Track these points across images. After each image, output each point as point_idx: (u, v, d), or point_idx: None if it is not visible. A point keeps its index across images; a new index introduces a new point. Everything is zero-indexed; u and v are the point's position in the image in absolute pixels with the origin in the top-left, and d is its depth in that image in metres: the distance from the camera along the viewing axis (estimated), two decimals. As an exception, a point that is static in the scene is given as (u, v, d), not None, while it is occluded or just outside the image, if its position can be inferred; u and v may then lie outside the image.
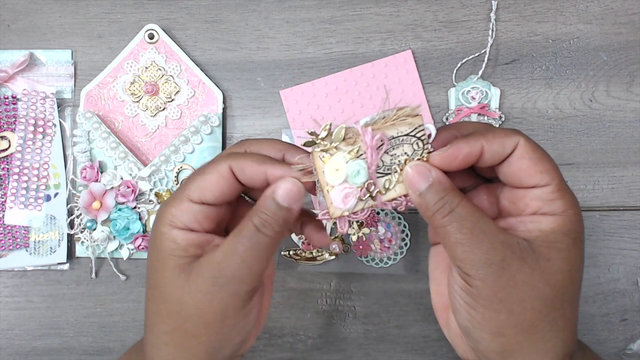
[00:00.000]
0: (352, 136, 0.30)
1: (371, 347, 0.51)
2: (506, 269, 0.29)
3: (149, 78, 0.52)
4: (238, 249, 0.30)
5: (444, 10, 0.53)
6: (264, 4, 0.53)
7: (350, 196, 0.30)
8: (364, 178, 0.30)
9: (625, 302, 0.51)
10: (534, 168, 0.30)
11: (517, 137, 0.30)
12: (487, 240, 0.29)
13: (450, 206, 0.29)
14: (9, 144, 0.51)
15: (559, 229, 0.30)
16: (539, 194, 0.30)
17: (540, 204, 0.30)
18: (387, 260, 0.51)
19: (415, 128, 0.30)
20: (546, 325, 0.30)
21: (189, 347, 0.31)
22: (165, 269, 0.31)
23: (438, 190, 0.29)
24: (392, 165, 0.30)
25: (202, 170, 0.32)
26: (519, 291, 0.29)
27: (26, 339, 0.52)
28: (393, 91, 0.52)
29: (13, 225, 0.51)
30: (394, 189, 0.31)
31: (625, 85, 0.52)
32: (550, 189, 0.30)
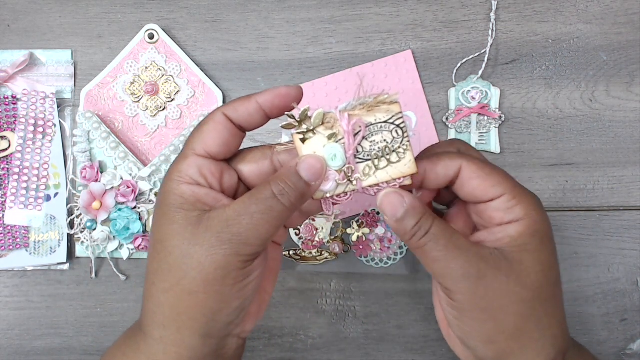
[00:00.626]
0: (331, 121, 0.30)
1: (371, 347, 0.51)
2: (482, 279, 0.30)
3: (149, 78, 0.52)
4: (250, 209, 0.30)
5: (444, 10, 0.53)
6: (264, 4, 0.53)
7: (329, 179, 0.31)
8: (340, 162, 0.31)
9: (625, 302, 0.51)
10: (484, 184, 0.32)
11: (459, 160, 0.32)
12: (462, 255, 0.31)
13: (425, 228, 0.31)
14: (9, 144, 0.51)
15: (525, 232, 0.31)
16: (498, 206, 0.32)
17: (502, 214, 0.32)
18: (387, 260, 0.51)
19: (393, 115, 0.31)
20: (532, 326, 0.32)
21: (185, 308, 0.30)
22: (172, 222, 0.30)
23: (413, 215, 0.31)
24: (372, 152, 0.31)
25: (199, 125, 0.32)
26: (499, 298, 0.31)
27: (26, 339, 0.52)
28: (393, 91, 0.52)
29: (13, 225, 0.51)
30: (375, 175, 0.31)
31: (625, 85, 0.52)
32: (505, 198, 0.32)
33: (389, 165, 0.31)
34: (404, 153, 0.31)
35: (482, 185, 0.32)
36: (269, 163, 0.33)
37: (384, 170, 0.31)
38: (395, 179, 0.31)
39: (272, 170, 0.33)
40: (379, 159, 0.31)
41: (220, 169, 0.32)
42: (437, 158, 0.32)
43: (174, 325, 0.31)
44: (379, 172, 0.31)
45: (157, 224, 0.32)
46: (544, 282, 0.32)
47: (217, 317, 0.31)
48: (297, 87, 0.32)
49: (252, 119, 0.32)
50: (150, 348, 0.32)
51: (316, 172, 0.31)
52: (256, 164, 0.33)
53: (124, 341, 0.35)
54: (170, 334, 0.31)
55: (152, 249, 0.32)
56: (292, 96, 0.32)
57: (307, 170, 0.30)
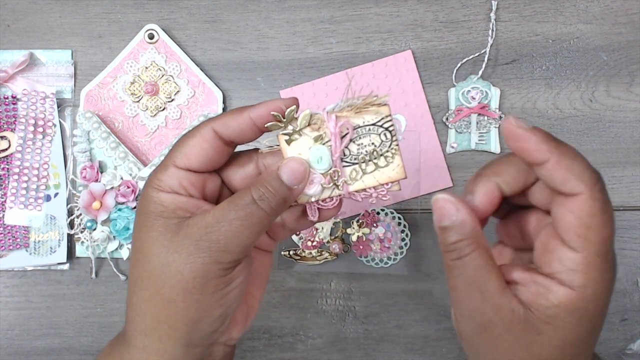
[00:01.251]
0: (317, 122, 0.30)
1: (371, 347, 0.51)
2: (489, 331, 0.28)
3: (149, 78, 0.52)
4: (229, 216, 0.29)
5: (444, 10, 0.53)
6: (264, 4, 0.53)
7: (314, 182, 0.30)
8: (326, 165, 0.30)
9: (625, 302, 0.51)
10: (576, 229, 0.27)
11: (585, 190, 0.27)
12: (479, 300, 0.28)
13: (460, 253, 0.28)
14: (9, 144, 0.51)
15: (566, 305, 0.27)
16: (564, 256, 0.27)
17: (561, 268, 0.27)
18: (387, 260, 0.51)
19: (382, 118, 0.30)
20: None
21: (165, 317, 0.30)
22: (151, 230, 0.30)
23: (457, 233, 0.28)
24: (360, 155, 0.30)
25: (186, 136, 0.31)
26: (497, 352, 0.29)
27: (26, 339, 0.52)
28: (393, 91, 0.52)
29: (13, 225, 0.51)
30: (361, 180, 0.30)
31: (625, 85, 0.52)
32: (578, 257, 0.27)
33: (377, 169, 0.30)
34: (392, 157, 0.30)
35: (572, 227, 0.27)
36: (254, 166, 0.32)
37: (371, 175, 0.30)
38: (383, 184, 0.30)
39: (257, 173, 0.32)
40: (366, 162, 0.30)
41: (202, 179, 0.31)
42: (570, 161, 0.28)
43: (155, 334, 0.30)
44: (366, 177, 0.30)
45: (136, 232, 0.31)
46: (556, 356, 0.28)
47: (198, 326, 0.30)
48: (293, 99, 0.30)
49: (243, 135, 0.31)
50: (133, 357, 0.31)
51: (299, 175, 0.30)
52: (241, 168, 0.32)
53: (109, 351, 0.34)
54: (152, 343, 0.31)
55: (133, 257, 0.31)
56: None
57: (289, 173, 0.29)
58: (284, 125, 0.30)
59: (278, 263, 0.51)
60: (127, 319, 0.32)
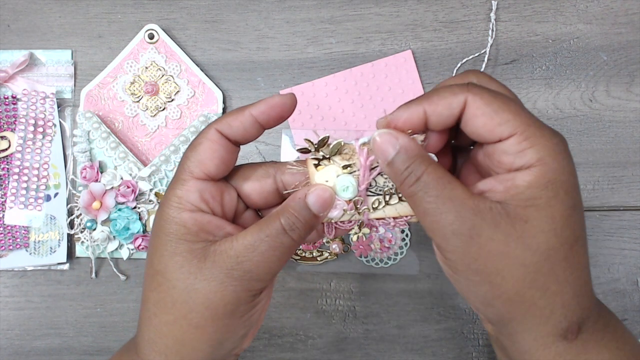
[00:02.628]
0: (349, 152, 0.30)
1: (371, 347, 0.51)
2: (475, 238, 0.27)
3: (149, 78, 0.52)
4: (261, 247, 0.29)
5: (444, 10, 0.53)
6: (264, 4, 0.53)
7: (337, 207, 0.30)
8: (351, 194, 0.30)
9: (625, 302, 0.51)
10: (491, 122, 0.27)
11: (464, 93, 0.28)
12: (454, 208, 0.27)
13: (416, 174, 0.28)
14: (9, 144, 0.51)
15: (535, 182, 0.27)
16: (507, 148, 0.27)
17: (512, 159, 0.27)
18: (387, 260, 0.51)
19: None
20: (536, 293, 0.28)
21: (190, 340, 0.30)
22: (175, 254, 0.29)
23: (405, 158, 0.28)
24: (385, 188, 0.31)
25: (193, 145, 0.31)
26: (494, 261, 0.27)
27: (26, 339, 0.52)
28: (393, 91, 0.52)
29: (13, 225, 0.51)
30: (382, 210, 0.31)
31: (625, 85, 0.52)
32: (515, 139, 0.27)
33: (399, 202, 0.31)
34: None
35: (489, 124, 0.27)
36: (271, 182, 0.32)
37: (392, 207, 0.31)
38: (403, 217, 0.31)
39: (275, 189, 0.32)
40: (390, 195, 0.31)
41: (221, 190, 0.31)
42: (437, 94, 0.28)
43: (176, 355, 0.31)
44: (387, 207, 0.31)
45: (156, 254, 0.30)
46: (554, 243, 0.27)
47: (223, 346, 0.31)
48: (291, 95, 0.31)
49: (247, 133, 0.31)
50: None
51: (326, 203, 0.30)
52: (258, 182, 0.32)
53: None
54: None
55: (152, 279, 0.31)
56: (287, 105, 0.30)
57: (317, 202, 0.30)
58: (315, 150, 0.30)
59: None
60: (142, 338, 0.32)
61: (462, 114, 0.28)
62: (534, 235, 0.27)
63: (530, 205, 0.27)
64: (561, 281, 0.28)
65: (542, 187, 0.27)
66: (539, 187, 0.27)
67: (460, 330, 0.51)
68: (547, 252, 0.27)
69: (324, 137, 0.30)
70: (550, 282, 0.28)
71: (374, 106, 0.52)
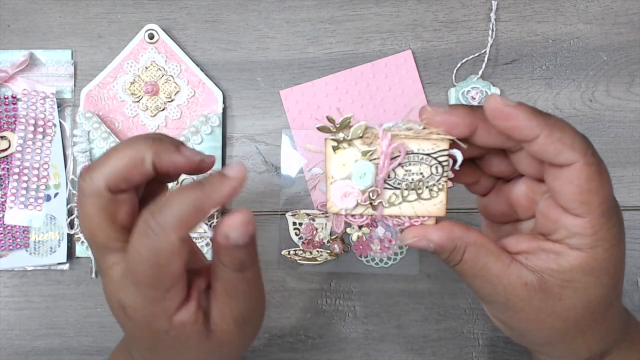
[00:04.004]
0: (370, 137, 0.28)
1: (371, 347, 0.51)
2: (511, 309, 0.29)
3: (149, 78, 0.52)
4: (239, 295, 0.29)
5: (444, 10, 0.53)
6: (264, 4, 0.53)
7: (350, 196, 0.29)
8: (368, 182, 0.28)
9: (625, 302, 0.51)
10: (577, 197, 0.27)
11: (579, 157, 0.26)
12: (489, 287, 0.29)
13: (454, 262, 0.29)
14: (9, 144, 0.51)
15: (579, 267, 0.27)
16: (570, 223, 0.27)
17: (568, 234, 0.27)
18: (387, 260, 0.51)
19: (439, 150, 0.28)
20: (562, 345, 0.30)
21: None
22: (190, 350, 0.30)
23: (442, 252, 0.29)
24: (404, 182, 0.29)
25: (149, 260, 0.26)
26: (526, 324, 0.29)
27: (26, 339, 0.52)
28: (393, 91, 0.52)
29: (13, 225, 0.51)
30: (399, 206, 0.29)
31: (625, 85, 0.52)
32: (583, 222, 0.27)
33: (418, 200, 0.29)
34: (437, 193, 0.29)
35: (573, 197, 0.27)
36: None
37: (410, 204, 0.29)
38: (419, 217, 0.29)
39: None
40: (409, 190, 0.29)
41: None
42: (560, 132, 0.26)
43: None
44: (404, 204, 0.29)
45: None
46: (585, 316, 0.29)
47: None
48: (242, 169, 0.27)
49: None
50: None
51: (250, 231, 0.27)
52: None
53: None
54: None
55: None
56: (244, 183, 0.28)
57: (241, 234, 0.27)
58: (336, 131, 0.28)
59: (278, 263, 0.51)
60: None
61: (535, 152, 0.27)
62: (566, 310, 0.28)
63: (567, 287, 0.28)
64: (588, 335, 0.30)
65: (585, 273, 0.27)
66: (582, 272, 0.27)
67: (460, 330, 0.51)
68: (576, 321, 0.29)
69: (346, 117, 0.28)
70: (578, 337, 0.30)
71: (374, 106, 0.52)
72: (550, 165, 0.27)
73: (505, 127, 0.27)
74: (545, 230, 0.29)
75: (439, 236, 0.28)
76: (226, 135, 0.53)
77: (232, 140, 0.53)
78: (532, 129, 0.26)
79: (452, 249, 0.28)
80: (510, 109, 0.26)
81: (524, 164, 0.29)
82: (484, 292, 0.29)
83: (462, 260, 0.29)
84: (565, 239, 0.28)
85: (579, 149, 0.26)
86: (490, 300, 0.30)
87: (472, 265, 0.29)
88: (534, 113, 0.26)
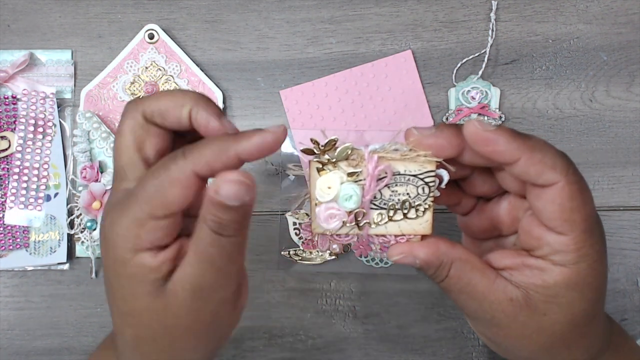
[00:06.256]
0: (356, 158, 0.28)
1: (371, 347, 0.51)
2: (496, 326, 0.29)
3: (149, 78, 0.52)
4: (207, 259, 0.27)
5: (444, 10, 0.53)
6: (264, 4, 0.53)
7: (335, 218, 0.29)
8: (354, 205, 0.28)
9: (625, 302, 0.51)
10: (559, 215, 0.27)
11: (560, 177, 0.27)
12: (475, 304, 0.29)
13: (440, 278, 0.29)
14: (9, 144, 0.51)
15: (563, 283, 0.28)
16: (553, 241, 0.28)
17: (551, 251, 0.28)
18: (387, 260, 0.51)
19: (425, 172, 0.28)
20: (547, 357, 0.31)
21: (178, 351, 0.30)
22: (137, 298, 0.28)
23: (427, 269, 0.29)
24: (390, 202, 0.29)
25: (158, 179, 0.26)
26: (511, 340, 0.30)
27: (26, 339, 0.52)
28: (393, 91, 0.52)
29: (13, 225, 0.51)
30: (384, 226, 0.29)
31: (625, 85, 0.52)
32: (566, 239, 0.27)
33: (404, 219, 0.29)
34: (424, 212, 0.29)
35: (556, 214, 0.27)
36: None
37: (396, 224, 0.29)
38: (405, 235, 0.29)
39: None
40: (395, 210, 0.29)
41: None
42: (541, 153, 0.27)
43: None
44: (390, 224, 0.29)
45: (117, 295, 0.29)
46: (570, 330, 0.29)
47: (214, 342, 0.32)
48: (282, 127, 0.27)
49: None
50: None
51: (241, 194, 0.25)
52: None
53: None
54: None
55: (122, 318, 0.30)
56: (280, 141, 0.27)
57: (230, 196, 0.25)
58: (321, 153, 0.28)
59: (278, 263, 0.51)
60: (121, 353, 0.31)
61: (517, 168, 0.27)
62: (551, 325, 0.29)
63: (551, 302, 0.28)
64: (573, 349, 0.30)
65: (569, 288, 0.28)
66: (566, 288, 0.28)
67: (460, 330, 0.51)
68: (562, 335, 0.29)
69: (331, 139, 0.28)
70: (563, 350, 0.30)
71: (374, 106, 0.52)
72: (532, 185, 0.28)
73: (485, 152, 0.27)
74: (529, 246, 0.29)
75: (424, 252, 0.28)
76: (226, 135, 0.53)
77: (232, 140, 0.53)
78: (513, 153, 0.26)
79: (438, 265, 0.29)
80: (489, 133, 0.26)
81: (509, 181, 0.30)
82: (470, 308, 0.30)
83: (448, 277, 0.29)
84: (548, 255, 0.28)
85: (560, 168, 0.27)
86: (476, 316, 0.30)
87: (457, 282, 0.29)
88: (513, 136, 0.27)
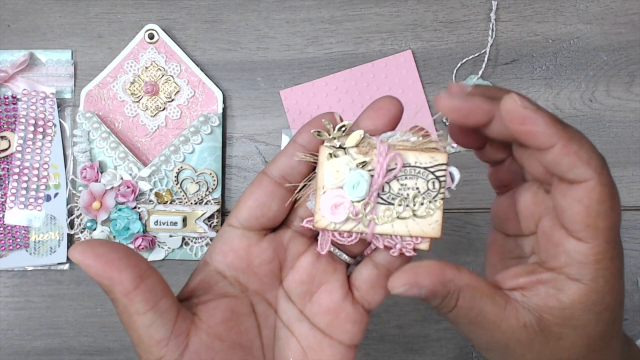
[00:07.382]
0: (367, 146, 0.27)
1: (371, 347, 0.51)
2: (511, 354, 0.27)
3: (149, 78, 0.52)
4: None
5: (444, 10, 0.53)
6: (264, 4, 0.53)
7: (341, 207, 0.27)
8: (362, 193, 0.27)
9: (625, 302, 0.51)
10: (584, 218, 0.25)
11: (593, 175, 0.24)
12: (486, 334, 0.27)
13: (447, 309, 0.27)
14: (9, 144, 0.51)
15: (580, 302, 0.26)
16: (571, 248, 0.25)
17: (569, 261, 0.26)
18: (387, 260, 0.51)
19: (437, 164, 0.27)
20: None
21: None
22: None
23: (433, 299, 0.27)
24: (399, 197, 0.27)
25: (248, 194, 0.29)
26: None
27: (26, 339, 0.52)
28: (393, 91, 0.52)
29: (13, 225, 0.51)
30: (391, 224, 0.27)
31: (625, 85, 0.52)
32: (586, 248, 0.25)
33: (412, 217, 0.27)
34: (434, 211, 0.27)
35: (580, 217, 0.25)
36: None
37: (404, 222, 0.27)
38: (412, 237, 0.27)
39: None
40: (403, 206, 0.27)
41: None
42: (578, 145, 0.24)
43: None
44: (397, 222, 0.27)
45: None
46: (586, 352, 0.27)
47: None
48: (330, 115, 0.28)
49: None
50: None
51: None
52: None
53: None
54: None
55: None
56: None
57: None
58: (332, 137, 0.27)
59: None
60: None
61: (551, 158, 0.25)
62: (567, 350, 0.27)
63: (567, 325, 0.26)
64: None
65: (585, 309, 0.26)
66: (582, 309, 0.26)
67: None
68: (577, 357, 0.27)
69: (344, 124, 0.27)
70: None
71: (374, 106, 0.52)
72: (560, 179, 0.25)
73: (520, 131, 0.25)
74: (545, 253, 0.27)
75: (430, 281, 0.26)
76: (226, 135, 0.53)
77: (232, 140, 0.53)
78: (550, 137, 0.24)
79: (445, 294, 0.26)
80: (529, 112, 0.24)
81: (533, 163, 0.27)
82: (481, 339, 0.27)
83: (457, 307, 0.27)
84: (564, 267, 0.26)
85: (595, 166, 0.24)
86: (489, 347, 0.28)
87: (467, 312, 0.27)
88: (553, 120, 0.24)
